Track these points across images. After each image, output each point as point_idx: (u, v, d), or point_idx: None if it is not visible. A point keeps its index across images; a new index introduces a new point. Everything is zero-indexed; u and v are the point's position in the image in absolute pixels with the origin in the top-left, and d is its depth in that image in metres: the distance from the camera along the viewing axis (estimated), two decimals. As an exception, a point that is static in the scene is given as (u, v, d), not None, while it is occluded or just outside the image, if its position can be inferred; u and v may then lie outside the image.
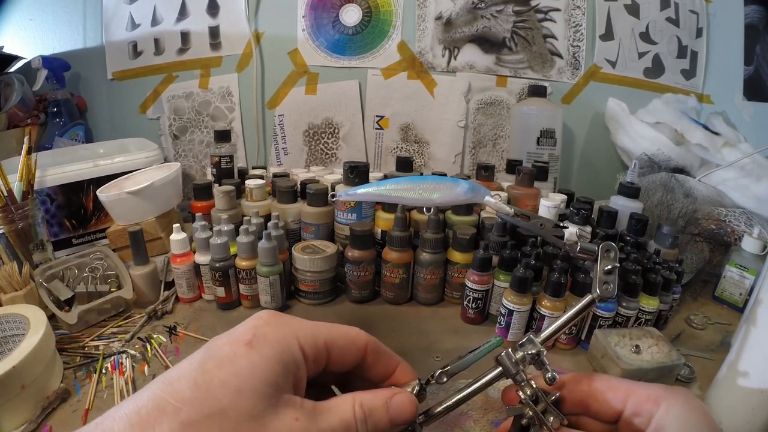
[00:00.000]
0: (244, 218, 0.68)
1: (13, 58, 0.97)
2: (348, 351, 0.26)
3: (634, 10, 1.00)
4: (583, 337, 0.58)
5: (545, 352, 0.27)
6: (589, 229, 0.33)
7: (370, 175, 0.71)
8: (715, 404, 0.45)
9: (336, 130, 1.04)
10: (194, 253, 0.64)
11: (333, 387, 0.28)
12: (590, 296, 0.29)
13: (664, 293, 0.58)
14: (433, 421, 0.28)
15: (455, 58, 1.00)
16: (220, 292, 0.63)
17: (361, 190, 0.41)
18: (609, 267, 0.29)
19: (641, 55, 1.02)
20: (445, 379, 0.28)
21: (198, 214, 0.65)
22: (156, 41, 0.99)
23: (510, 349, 0.27)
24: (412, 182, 0.40)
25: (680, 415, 0.23)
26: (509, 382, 0.27)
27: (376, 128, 1.04)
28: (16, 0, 1.00)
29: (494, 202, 0.36)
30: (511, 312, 0.56)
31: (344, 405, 0.23)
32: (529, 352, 0.27)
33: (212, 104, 1.03)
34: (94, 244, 0.76)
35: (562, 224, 0.32)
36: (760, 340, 0.41)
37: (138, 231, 0.63)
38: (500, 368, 0.27)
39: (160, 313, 0.62)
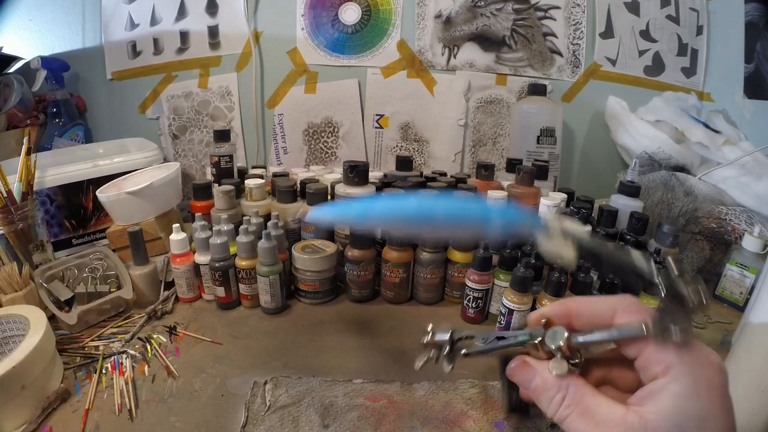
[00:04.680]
0: (244, 218, 0.68)
1: (12, 59, 0.97)
2: None
3: (634, 7, 0.99)
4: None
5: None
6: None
7: (370, 174, 0.71)
8: (715, 403, 0.45)
9: (336, 129, 1.04)
10: (194, 253, 0.64)
11: None
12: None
13: (665, 292, 0.58)
14: (472, 356, 0.29)
15: (455, 57, 0.99)
16: (220, 292, 0.63)
17: (328, 213, 0.29)
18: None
19: (641, 53, 1.02)
20: (472, 350, 0.29)
21: (198, 214, 0.65)
22: (155, 41, 0.99)
23: (544, 336, 0.27)
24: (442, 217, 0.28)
25: (679, 395, 0.20)
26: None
27: (376, 127, 1.04)
28: (16, 0, 0.99)
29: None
30: (511, 311, 0.56)
31: None
32: (574, 362, 0.26)
33: (212, 104, 1.03)
34: (94, 244, 0.76)
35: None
36: (760, 340, 0.41)
37: (138, 231, 0.63)
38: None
39: (160, 313, 0.62)
